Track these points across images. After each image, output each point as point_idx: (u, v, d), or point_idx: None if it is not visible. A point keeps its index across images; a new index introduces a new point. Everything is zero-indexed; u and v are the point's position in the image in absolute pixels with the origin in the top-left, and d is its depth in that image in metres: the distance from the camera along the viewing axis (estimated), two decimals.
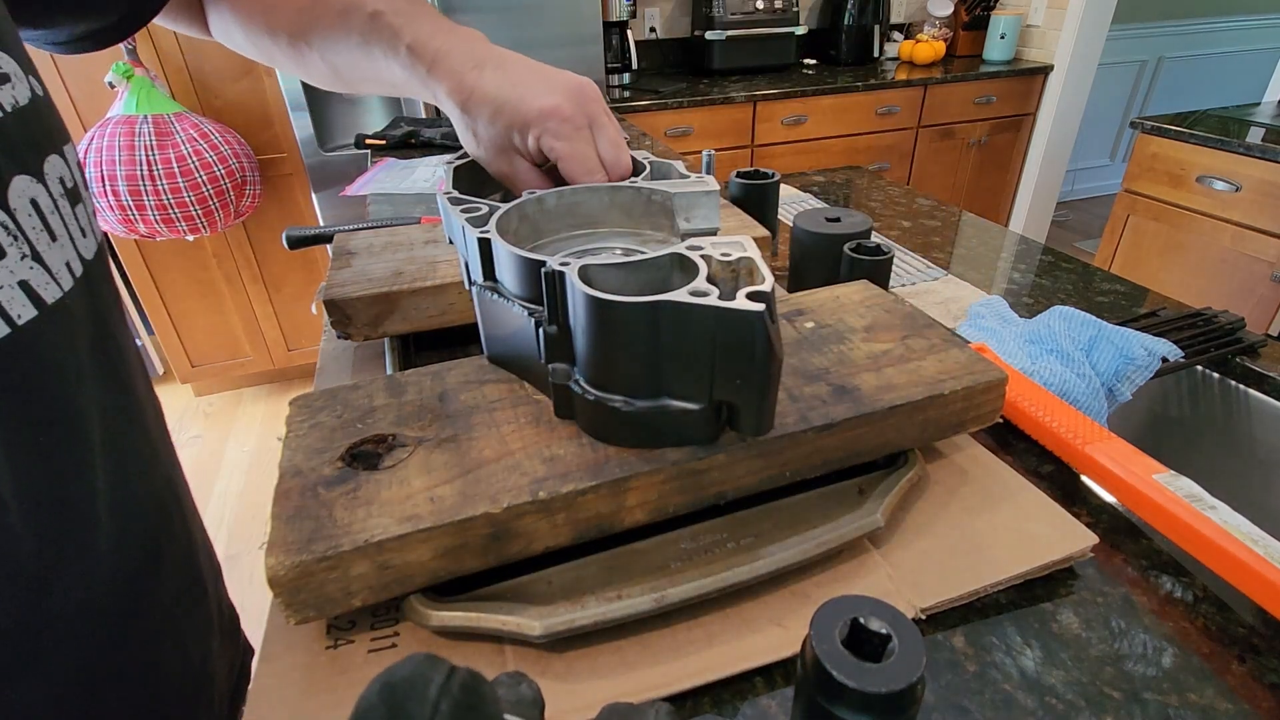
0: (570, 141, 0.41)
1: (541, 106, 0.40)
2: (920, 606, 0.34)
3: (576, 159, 0.41)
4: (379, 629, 0.34)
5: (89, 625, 0.31)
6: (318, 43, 0.46)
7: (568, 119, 0.40)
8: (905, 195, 1.05)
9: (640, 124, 2.10)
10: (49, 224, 0.29)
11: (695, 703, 0.32)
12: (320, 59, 0.47)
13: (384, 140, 1.40)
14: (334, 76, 0.48)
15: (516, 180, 0.44)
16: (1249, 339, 0.64)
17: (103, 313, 0.33)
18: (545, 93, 0.40)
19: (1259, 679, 0.33)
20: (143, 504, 0.35)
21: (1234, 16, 3.40)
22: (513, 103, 0.40)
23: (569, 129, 0.41)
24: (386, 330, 0.55)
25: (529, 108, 0.40)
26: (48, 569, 0.28)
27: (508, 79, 0.41)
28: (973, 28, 2.66)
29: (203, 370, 2.22)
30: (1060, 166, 2.70)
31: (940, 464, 0.43)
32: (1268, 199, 1.57)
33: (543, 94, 0.40)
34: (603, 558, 0.36)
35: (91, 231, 0.33)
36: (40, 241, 0.28)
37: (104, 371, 0.32)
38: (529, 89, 0.41)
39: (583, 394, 0.34)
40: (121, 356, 0.34)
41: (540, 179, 0.43)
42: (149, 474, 0.36)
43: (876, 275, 0.58)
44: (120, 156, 1.66)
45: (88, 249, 0.32)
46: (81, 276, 0.31)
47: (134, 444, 0.34)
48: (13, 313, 0.26)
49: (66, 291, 0.29)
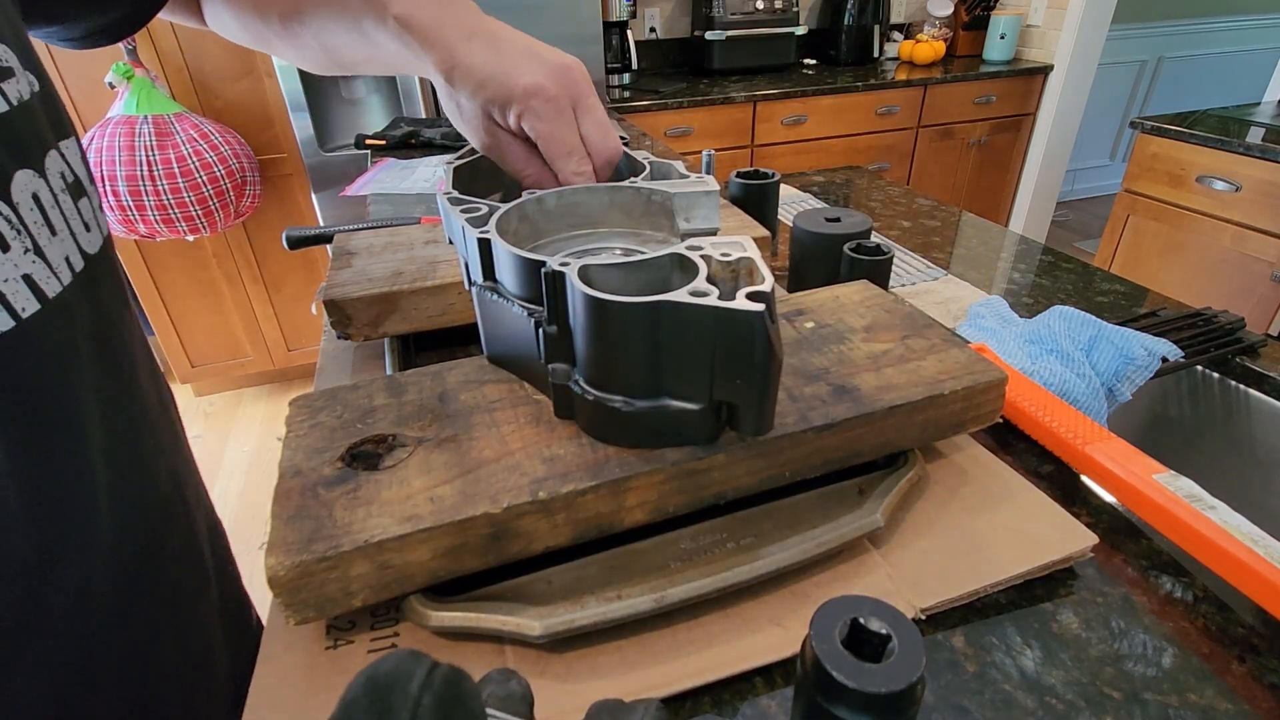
0: (550, 122, 0.40)
1: (525, 85, 0.40)
2: (920, 606, 0.34)
3: (556, 140, 0.41)
4: (379, 629, 0.34)
5: (88, 616, 0.31)
6: (309, 20, 0.45)
7: (551, 99, 0.40)
8: (905, 195, 1.05)
9: (640, 124, 2.10)
10: (49, 218, 0.29)
11: (695, 703, 0.32)
12: (313, 38, 0.46)
13: (384, 140, 1.40)
14: (327, 58, 0.48)
15: (502, 155, 0.43)
16: (1249, 339, 0.64)
17: (105, 307, 0.33)
18: (531, 70, 0.40)
19: (1259, 679, 0.33)
20: (144, 497, 0.35)
21: (1234, 16, 3.40)
22: (498, 78, 0.40)
23: (551, 110, 0.40)
24: (386, 330, 0.55)
25: (513, 84, 0.40)
26: (47, 561, 0.28)
27: (496, 53, 0.40)
28: (973, 28, 2.66)
29: (203, 370, 2.22)
30: (1060, 166, 2.70)
31: (940, 464, 0.43)
32: (1268, 199, 1.57)
33: (528, 72, 0.40)
34: (603, 558, 0.36)
35: (96, 226, 0.33)
36: (41, 236, 0.28)
37: (105, 366, 0.32)
38: (515, 65, 0.40)
39: (583, 394, 0.34)
40: (125, 350, 0.34)
41: (526, 154, 0.43)
42: (151, 467, 0.36)
43: (876, 275, 0.58)
44: (120, 157, 1.66)
45: (91, 244, 0.32)
46: (82, 271, 0.31)
47: (136, 437, 0.34)
48: (17, 306, 0.27)
49: (66, 286, 0.29)
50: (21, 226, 0.27)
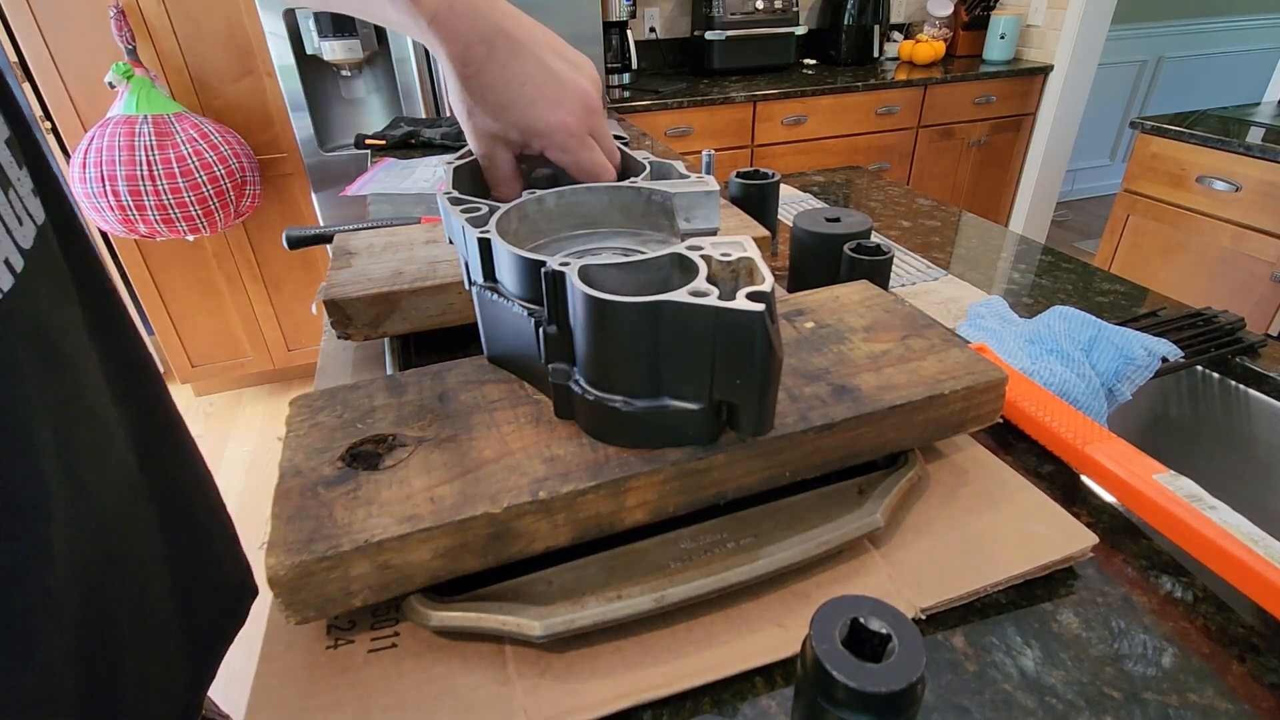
0: (576, 154, 0.43)
1: (549, 121, 0.42)
2: (920, 606, 0.34)
3: (585, 167, 0.44)
4: (379, 629, 0.34)
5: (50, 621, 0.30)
6: None
7: (574, 134, 0.43)
8: (905, 195, 1.05)
9: (640, 124, 2.10)
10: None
11: (695, 703, 0.32)
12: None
13: (384, 140, 1.40)
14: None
15: (493, 167, 0.45)
16: (1249, 339, 0.64)
17: (45, 306, 0.30)
18: (554, 104, 0.42)
19: (1259, 679, 0.33)
20: (104, 501, 0.33)
21: (1234, 16, 3.40)
22: (521, 106, 0.41)
23: (574, 143, 0.43)
24: (386, 330, 0.55)
25: (538, 118, 0.42)
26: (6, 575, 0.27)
27: (518, 73, 0.41)
28: (973, 28, 2.66)
29: (203, 370, 2.21)
30: (1060, 166, 2.70)
31: (940, 464, 0.43)
32: (1268, 199, 1.57)
33: (552, 105, 0.42)
34: (603, 558, 0.36)
35: (29, 216, 0.29)
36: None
37: (49, 368, 0.29)
38: (540, 95, 0.41)
39: (583, 394, 0.34)
40: (73, 347, 0.32)
41: (512, 175, 0.45)
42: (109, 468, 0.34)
43: (876, 275, 0.58)
44: (120, 156, 1.66)
45: (25, 237, 0.29)
46: (22, 271, 0.28)
47: (89, 441, 0.33)
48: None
49: (7, 292, 0.27)
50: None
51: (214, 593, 0.45)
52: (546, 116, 0.41)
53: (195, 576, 0.43)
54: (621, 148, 0.48)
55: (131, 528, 0.36)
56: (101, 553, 0.33)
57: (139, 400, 0.39)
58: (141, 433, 0.38)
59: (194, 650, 0.41)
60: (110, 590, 0.34)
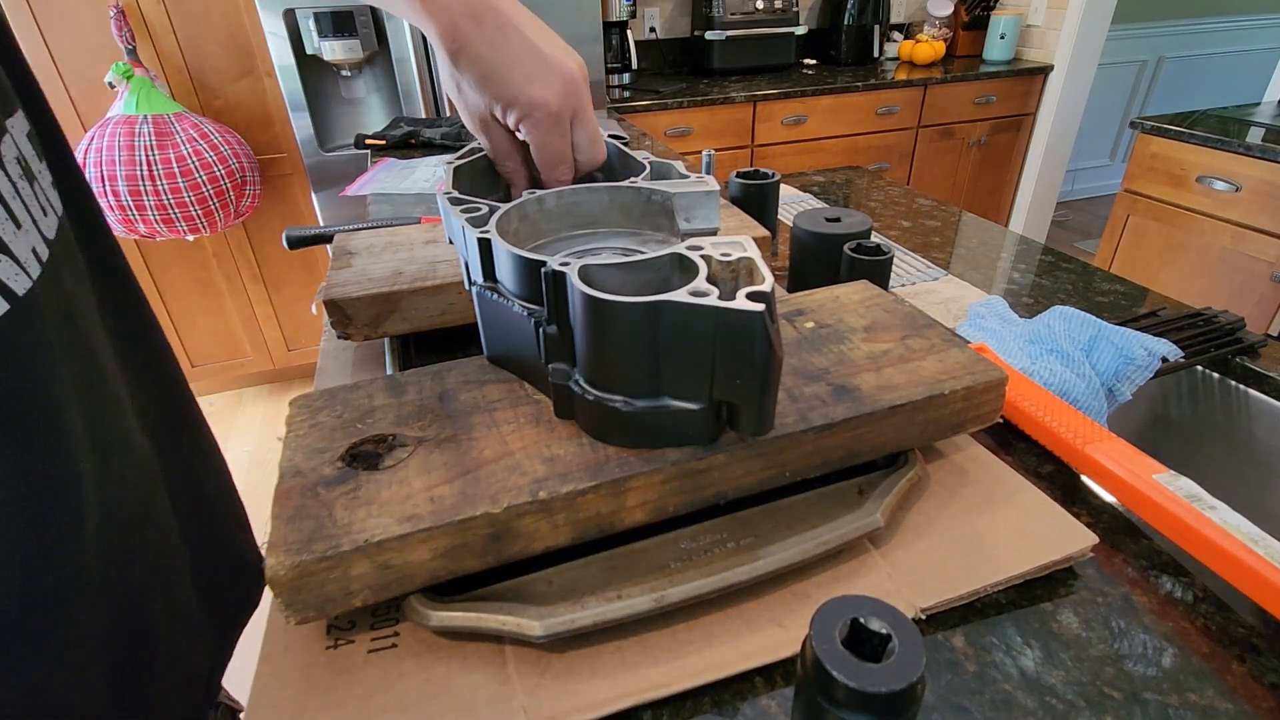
0: (547, 134, 0.42)
1: (530, 96, 0.41)
2: (920, 606, 0.34)
3: (548, 150, 0.43)
4: (379, 629, 0.34)
5: (80, 595, 0.30)
6: None
7: (552, 114, 0.42)
8: (905, 195, 1.05)
9: (640, 124, 2.10)
10: (12, 211, 0.27)
11: (695, 703, 0.32)
12: None
13: (384, 140, 1.40)
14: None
15: (490, 141, 0.45)
16: (1249, 339, 0.64)
17: (69, 294, 0.31)
18: (538, 79, 0.41)
19: (1259, 679, 0.33)
20: (127, 481, 0.34)
21: (1234, 16, 3.40)
22: (503, 76, 0.41)
23: (550, 122, 0.42)
24: (386, 330, 0.55)
25: (518, 90, 0.41)
26: (40, 550, 0.28)
27: (504, 47, 0.41)
28: (973, 28, 2.66)
29: (203, 370, 2.21)
30: (1060, 166, 2.70)
31: (940, 464, 0.43)
32: (1268, 199, 1.57)
33: (535, 80, 0.41)
34: (603, 558, 0.36)
35: (51, 208, 0.31)
36: (6, 231, 0.26)
37: (76, 350, 0.31)
38: (523, 69, 0.41)
39: (583, 394, 0.34)
40: (93, 333, 0.33)
41: (511, 148, 0.45)
42: (131, 442, 0.35)
43: (876, 275, 0.58)
44: (120, 157, 1.66)
45: (49, 227, 0.30)
46: (48, 260, 0.29)
47: (114, 422, 0.33)
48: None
49: (36, 280, 0.28)
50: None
51: (231, 575, 0.45)
52: (527, 90, 0.41)
53: (213, 559, 0.44)
54: (621, 148, 0.48)
55: (153, 510, 0.36)
56: (129, 532, 0.34)
57: (154, 384, 0.40)
58: (156, 414, 0.39)
59: (214, 631, 0.42)
60: (138, 571, 0.34)
